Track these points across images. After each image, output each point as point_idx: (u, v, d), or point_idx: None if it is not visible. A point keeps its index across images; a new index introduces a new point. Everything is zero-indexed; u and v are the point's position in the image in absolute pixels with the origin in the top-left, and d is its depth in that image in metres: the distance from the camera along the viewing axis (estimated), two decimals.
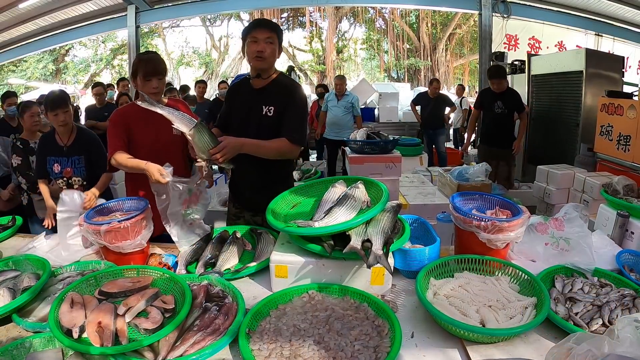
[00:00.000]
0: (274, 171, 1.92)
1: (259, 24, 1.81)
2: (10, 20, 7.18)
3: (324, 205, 1.44)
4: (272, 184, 1.84)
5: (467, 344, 1.11)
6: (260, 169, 1.88)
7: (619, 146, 3.80)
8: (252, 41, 1.78)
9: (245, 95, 1.92)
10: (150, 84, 1.89)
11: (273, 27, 1.81)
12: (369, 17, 18.99)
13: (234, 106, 1.97)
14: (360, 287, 1.32)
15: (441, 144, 6.35)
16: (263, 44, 1.76)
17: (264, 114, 1.85)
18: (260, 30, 1.77)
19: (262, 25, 1.80)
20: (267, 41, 1.77)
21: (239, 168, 1.94)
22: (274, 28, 1.80)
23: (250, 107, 1.88)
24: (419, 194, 3.26)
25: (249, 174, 1.94)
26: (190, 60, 20.06)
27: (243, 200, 2.04)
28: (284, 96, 1.84)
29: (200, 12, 8.82)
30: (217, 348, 1.06)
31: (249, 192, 1.98)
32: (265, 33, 1.76)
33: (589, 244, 1.49)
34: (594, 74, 4.79)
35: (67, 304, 1.15)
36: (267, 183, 1.89)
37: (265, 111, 1.85)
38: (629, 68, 7.64)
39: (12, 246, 1.87)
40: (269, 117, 1.84)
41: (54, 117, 2.40)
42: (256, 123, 1.86)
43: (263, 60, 1.78)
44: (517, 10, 7.38)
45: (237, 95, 1.98)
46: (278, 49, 1.83)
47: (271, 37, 1.77)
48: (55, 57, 17.07)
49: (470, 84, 18.63)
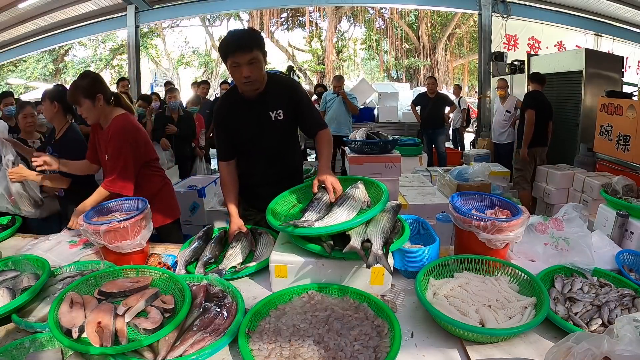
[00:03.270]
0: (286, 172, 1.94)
1: (237, 47, 1.60)
2: (10, 20, 7.19)
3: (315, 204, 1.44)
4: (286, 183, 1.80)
5: (466, 344, 1.11)
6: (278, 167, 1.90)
7: (619, 146, 3.80)
8: (234, 66, 1.63)
9: (244, 111, 1.80)
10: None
11: (252, 44, 1.61)
12: (368, 17, 18.98)
13: (237, 128, 1.83)
14: (359, 287, 1.32)
15: (441, 144, 6.35)
16: (247, 67, 1.61)
17: (275, 119, 1.80)
18: (239, 54, 1.60)
19: (240, 48, 1.60)
20: (251, 63, 1.61)
21: (251, 170, 1.92)
22: (253, 45, 1.61)
23: (256, 119, 1.80)
24: (419, 194, 3.26)
25: (262, 175, 1.92)
26: (189, 60, 20.05)
27: (256, 202, 1.98)
28: (286, 98, 1.80)
29: (200, 12, 8.81)
30: (217, 348, 1.06)
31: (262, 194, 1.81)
32: (246, 56, 1.60)
33: (588, 244, 1.49)
34: (594, 74, 4.80)
35: (67, 304, 1.15)
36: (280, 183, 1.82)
37: (274, 116, 1.80)
38: (628, 68, 7.65)
39: (11, 246, 1.87)
40: (280, 121, 1.81)
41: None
42: (271, 131, 1.81)
43: (252, 84, 1.67)
44: (517, 10, 7.39)
45: (232, 117, 1.83)
46: (264, 60, 1.68)
47: (253, 57, 1.61)
48: (55, 57, 17.05)
49: (470, 84, 18.65)
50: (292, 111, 1.82)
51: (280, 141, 1.86)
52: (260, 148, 1.86)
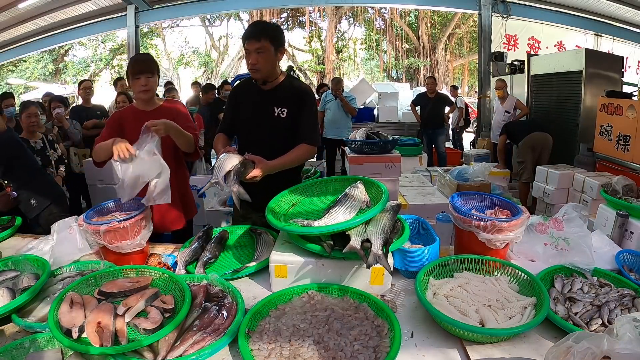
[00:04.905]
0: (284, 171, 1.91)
1: (248, 35, 1.74)
2: (10, 20, 7.18)
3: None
4: (283, 184, 1.79)
5: (466, 344, 1.11)
6: None
7: (619, 146, 3.80)
8: (246, 53, 1.76)
9: (254, 96, 1.89)
10: (139, 82, 1.89)
11: (262, 34, 1.72)
12: (368, 17, 18.99)
13: (241, 107, 1.94)
14: (359, 287, 1.32)
15: (441, 144, 6.35)
16: (254, 55, 1.73)
17: (277, 115, 1.84)
18: (249, 42, 1.72)
19: (250, 36, 1.73)
20: (258, 52, 1.72)
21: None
22: (263, 36, 1.72)
23: (259, 108, 1.87)
24: (419, 193, 3.26)
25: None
26: (189, 60, 20.07)
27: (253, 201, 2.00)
28: (296, 99, 1.83)
29: (200, 12, 8.81)
30: (217, 348, 1.06)
31: (259, 193, 1.84)
32: (254, 44, 1.72)
33: (588, 244, 1.49)
34: (594, 74, 4.79)
35: (67, 304, 1.15)
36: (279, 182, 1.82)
37: (277, 112, 1.84)
38: (628, 68, 7.65)
39: (11, 246, 1.87)
40: (282, 119, 1.84)
41: None
42: (269, 125, 1.85)
43: (257, 72, 1.77)
44: (517, 10, 7.39)
45: (243, 96, 1.94)
46: (276, 52, 1.78)
47: (261, 47, 1.72)
48: (55, 57, 17.06)
49: (470, 84, 18.65)
50: (296, 113, 1.83)
51: (277, 138, 1.85)
52: (256, 139, 1.89)
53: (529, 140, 4.62)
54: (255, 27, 1.78)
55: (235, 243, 1.77)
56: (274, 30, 1.78)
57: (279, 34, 1.80)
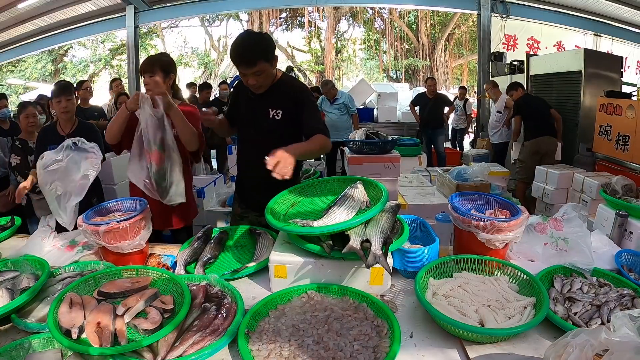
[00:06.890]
0: None
1: (240, 61, 1.66)
2: (10, 20, 7.17)
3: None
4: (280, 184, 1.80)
5: (466, 344, 1.11)
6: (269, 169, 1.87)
7: (618, 146, 3.81)
8: (242, 74, 1.73)
9: (249, 97, 1.88)
10: (144, 79, 1.95)
11: (255, 58, 1.64)
12: (367, 17, 18.98)
13: (240, 106, 1.95)
14: (359, 287, 1.32)
15: (440, 144, 6.36)
16: (252, 77, 1.70)
17: (271, 117, 1.83)
18: (244, 68, 1.67)
19: (243, 62, 1.66)
20: (255, 74, 1.68)
21: (246, 167, 2.00)
22: (256, 59, 1.64)
23: (255, 110, 1.86)
24: (418, 194, 3.26)
25: (256, 174, 1.90)
26: (189, 60, 20.03)
27: (250, 201, 2.02)
28: (292, 100, 1.81)
29: (199, 12, 8.81)
30: (217, 348, 1.06)
31: (256, 193, 1.92)
32: (251, 69, 1.66)
33: (587, 244, 1.49)
34: (593, 74, 4.80)
35: (66, 305, 1.15)
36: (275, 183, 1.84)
37: (272, 114, 1.82)
38: (627, 68, 7.66)
39: (11, 246, 1.87)
40: (277, 121, 1.82)
41: (57, 104, 2.50)
42: (265, 127, 1.84)
43: (259, 89, 1.78)
44: (516, 11, 7.40)
45: (243, 93, 1.91)
46: (272, 64, 1.72)
47: (258, 70, 1.67)
48: (54, 58, 17.03)
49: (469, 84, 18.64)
50: (293, 114, 1.81)
51: (273, 139, 1.77)
52: (252, 139, 1.91)
53: (534, 145, 4.56)
54: (245, 50, 1.66)
55: (234, 243, 1.77)
56: (265, 47, 1.69)
57: (270, 47, 1.72)
